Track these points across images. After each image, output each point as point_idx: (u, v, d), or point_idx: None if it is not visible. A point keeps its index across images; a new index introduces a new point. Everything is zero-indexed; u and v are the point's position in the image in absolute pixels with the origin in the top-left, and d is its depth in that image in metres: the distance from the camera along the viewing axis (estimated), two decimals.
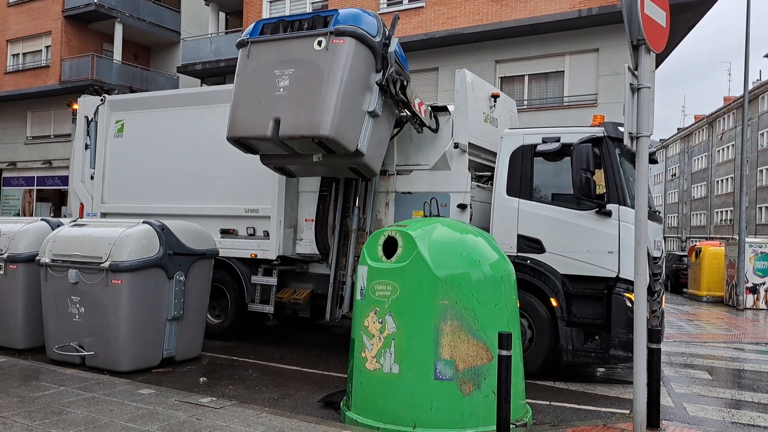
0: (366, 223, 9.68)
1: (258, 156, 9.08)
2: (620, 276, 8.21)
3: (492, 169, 9.45)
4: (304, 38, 8.08)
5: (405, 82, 8.58)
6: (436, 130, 9.44)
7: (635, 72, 5.89)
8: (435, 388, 5.70)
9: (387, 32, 8.42)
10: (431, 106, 9.70)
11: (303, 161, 8.69)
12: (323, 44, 7.89)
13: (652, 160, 8.07)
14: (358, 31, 7.99)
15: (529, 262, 8.69)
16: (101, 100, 12.27)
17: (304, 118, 7.82)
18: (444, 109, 9.37)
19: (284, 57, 8.13)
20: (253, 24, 8.70)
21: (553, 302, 8.53)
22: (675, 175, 76.25)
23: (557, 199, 8.77)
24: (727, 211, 56.54)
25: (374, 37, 8.18)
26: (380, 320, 5.95)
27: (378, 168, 8.96)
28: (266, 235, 10.47)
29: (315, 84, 7.80)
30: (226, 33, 27.98)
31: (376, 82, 8.30)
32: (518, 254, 8.71)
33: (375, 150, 8.61)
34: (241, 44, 8.61)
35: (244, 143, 8.64)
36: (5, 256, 9.42)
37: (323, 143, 7.93)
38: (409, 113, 9.04)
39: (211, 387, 7.76)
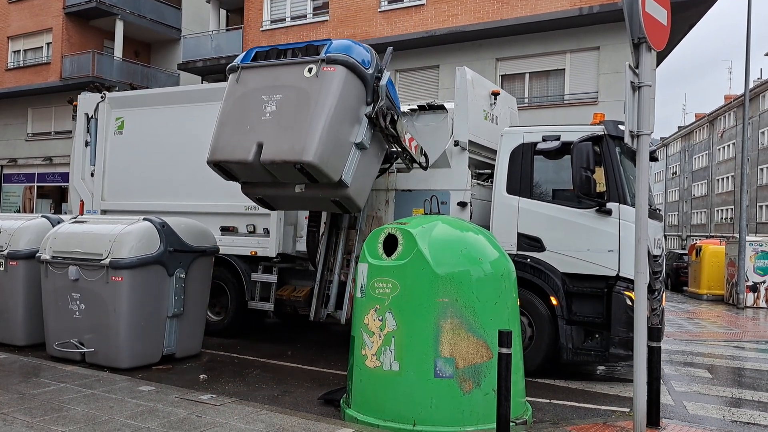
0: (358, 222, 9.65)
1: None
2: (620, 274, 8.20)
3: (492, 167, 9.44)
4: (295, 65, 7.88)
5: (396, 117, 8.27)
6: (425, 167, 9.24)
7: (636, 70, 5.88)
8: (435, 386, 5.70)
9: (379, 65, 8.26)
10: (428, 104, 9.69)
11: (285, 191, 8.38)
12: (313, 71, 7.67)
13: (653, 158, 8.08)
14: (350, 60, 7.79)
15: (529, 260, 8.68)
16: (101, 97, 12.26)
17: (288, 143, 7.52)
18: (441, 107, 9.34)
19: (273, 83, 7.92)
20: (245, 52, 8.49)
21: (553, 300, 8.53)
22: (675, 173, 76.25)
23: (557, 198, 8.77)
24: (727, 210, 56.55)
25: (366, 68, 7.97)
26: (380, 318, 5.95)
27: (363, 203, 8.57)
28: (266, 232, 10.47)
29: (302, 110, 7.59)
30: (227, 30, 27.98)
31: (366, 114, 8.04)
32: (518, 252, 8.70)
33: (360, 183, 8.22)
34: (232, 70, 8.37)
35: (224, 168, 8.29)
36: (6, 252, 9.43)
37: (306, 170, 7.60)
38: (399, 148, 8.75)
39: (211, 384, 7.76)
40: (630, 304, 7.95)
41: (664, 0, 6.14)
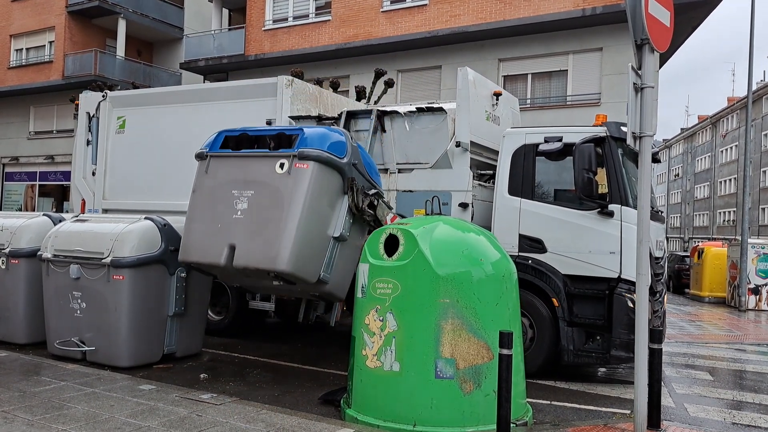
0: None
1: None
2: (622, 276, 8.19)
3: (494, 168, 9.43)
4: (266, 158, 7.41)
5: (375, 201, 7.93)
6: None
7: (639, 71, 5.88)
8: (435, 387, 5.70)
9: (353, 152, 7.74)
10: (427, 106, 9.68)
11: (263, 282, 8.12)
12: (285, 167, 7.19)
13: (655, 160, 8.08)
14: (323, 155, 7.26)
15: (530, 261, 8.67)
16: (103, 96, 12.27)
17: (261, 248, 7.12)
18: (440, 109, 9.33)
19: (244, 176, 7.46)
20: (215, 135, 8.03)
21: (555, 302, 8.52)
22: (678, 175, 76.23)
23: (559, 199, 8.76)
24: (729, 212, 56.52)
25: (341, 157, 7.47)
26: (381, 318, 5.95)
27: (344, 293, 7.96)
28: None
29: (275, 211, 7.13)
30: (229, 30, 28.00)
31: (347, 209, 7.68)
32: (520, 254, 8.69)
33: (341, 275, 7.77)
34: (200, 156, 7.94)
35: (196, 268, 8.09)
36: (7, 250, 9.43)
37: (281, 276, 7.26)
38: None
39: (211, 383, 7.75)
40: (631, 306, 7.94)
41: (667, 1, 6.14)
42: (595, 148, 8.19)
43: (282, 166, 7.22)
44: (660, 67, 22.03)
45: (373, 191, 7.88)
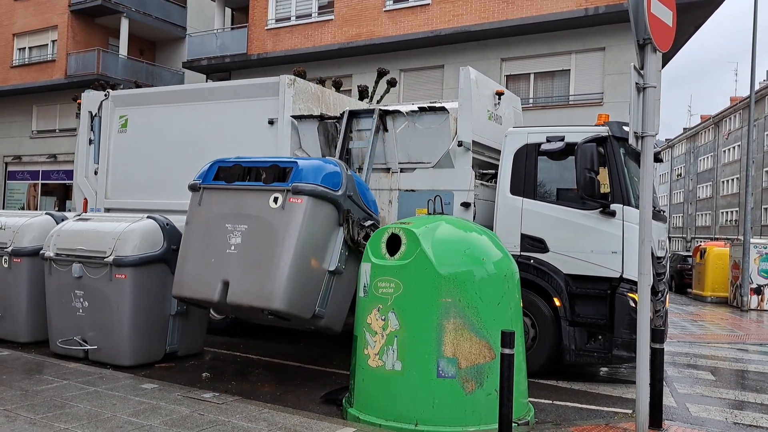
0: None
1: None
2: (624, 276, 8.19)
3: (496, 168, 9.43)
4: (260, 192, 7.32)
5: (371, 232, 7.61)
6: None
7: (641, 71, 5.88)
8: (437, 386, 5.70)
9: (349, 183, 7.66)
10: (429, 105, 9.67)
11: (257, 315, 7.95)
12: (279, 202, 7.13)
13: (657, 159, 8.08)
14: (317, 189, 7.18)
15: (532, 261, 8.67)
16: (105, 95, 12.27)
17: (255, 285, 7.04)
18: (442, 109, 9.33)
19: (237, 210, 7.39)
20: (208, 165, 7.97)
21: (557, 302, 8.52)
22: (680, 175, 76.15)
23: (561, 199, 8.75)
24: (732, 212, 56.46)
25: (336, 190, 7.42)
26: (383, 317, 5.95)
27: (340, 326, 7.83)
28: None
29: (269, 247, 7.07)
30: (232, 29, 28.00)
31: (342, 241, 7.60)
32: (522, 253, 8.69)
33: (336, 308, 7.67)
34: (193, 188, 7.86)
35: (190, 302, 8.02)
36: (10, 249, 9.44)
37: (275, 314, 7.21)
38: None
39: (213, 382, 7.76)
40: (633, 305, 7.93)
41: (670, 1, 6.13)
42: (597, 148, 8.19)
43: (276, 200, 7.16)
44: (662, 67, 21.98)
45: (369, 222, 7.80)
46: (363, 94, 16.14)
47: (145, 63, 31.82)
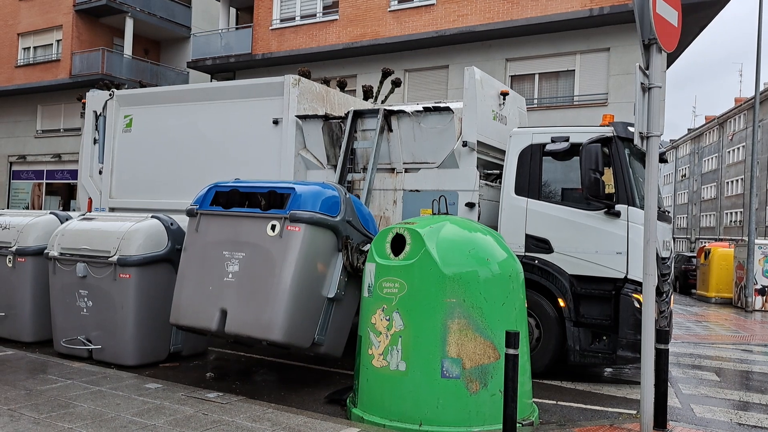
0: None
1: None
2: (628, 277, 8.17)
3: (501, 168, 9.42)
4: (258, 219, 7.22)
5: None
6: None
7: (646, 71, 5.86)
8: (441, 386, 5.70)
9: (348, 208, 7.52)
10: (434, 106, 9.66)
11: (255, 343, 7.78)
12: (277, 230, 7.02)
13: (662, 160, 8.04)
14: (315, 216, 7.07)
15: (537, 262, 8.66)
16: (110, 94, 12.28)
17: (253, 315, 6.96)
18: (447, 109, 9.32)
19: (235, 237, 7.30)
20: (205, 189, 7.93)
21: (561, 302, 8.51)
22: (685, 175, 76.02)
23: (566, 199, 8.74)
24: (736, 213, 56.34)
25: (334, 216, 7.29)
26: (387, 317, 5.95)
27: (340, 352, 7.70)
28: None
29: (266, 276, 6.97)
30: (237, 29, 28.03)
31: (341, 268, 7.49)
32: (526, 254, 8.68)
33: (336, 334, 7.57)
34: (190, 213, 7.81)
35: (188, 330, 7.88)
36: (14, 249, 9.46)
37: (274, 344, 7.14)
38: None
39: (217, 382, 7.77)
40: (638, 306, 7.92)
41: (675, 1, 6.12)
42: (602, 148, 8.17)
43: (273, 228, 7.06)
44: (667, 68, 21.97)
45: (367, 246, 7.63)
46: (367, 94, 16.11)
47: (150, 63, 31.85)
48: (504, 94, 10.13)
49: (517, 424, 5.36)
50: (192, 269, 7.55)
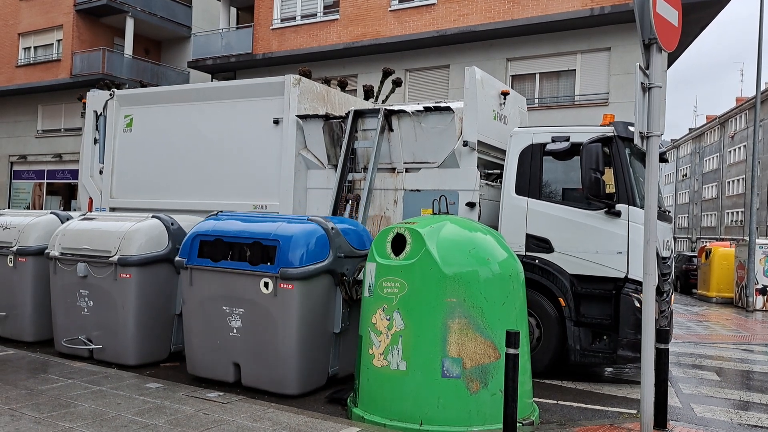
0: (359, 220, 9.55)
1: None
2: (629, 276, 8.17)
3: (501, 167, 9.42)
4: (249, 276, 7.19)
5: None
6: None
7: (646, 71, 5.86)
8: (442, 386, 5.70)
9: (337, 243, 7.40)
10: (435, 105, 9.66)
11: None
12: (270, 288, 7.02)
13: (663, 160, 8.05)
14: (307, 271, 7.00)
15: (537, 261, 8.66)
16: (110, 94, 12.28)
17: (266, 372, 7.11)
18: (448, 108, 9.32)
19: (230, 292, 7.32)
20: (189, 239, 7.79)
21: (562, 302, 8.51)
22: (686, 175, 75.99)
23: (566, 199, 8.74)
24: (737, 212, 56.30)
25: (325, 260, 7.21)
26: (388, 317, 5.95)
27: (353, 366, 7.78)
28: None
29: (270, 333, 7.05)
30: (237, 28, 28.04)
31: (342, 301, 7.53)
32: (527, 253, 8.68)
33: (348, 353, 7.62)
34: (180, 266, 7.78)
35: (209, 382, 7.75)
36: (15, 248, 9.46)
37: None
38: None
39: (218, 382, 7.76)
40: (638, 306, 7.91)
41: (676, 1, 6.12)
42: (602, 148, 8.17)
43: (267, 285, 7.08)
44: (668, 67, 21.97)
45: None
46: (368, 93, 16.11)
47: (151, 62, 31.85)
48: (505, 94, 10.13)
49: (518, 424, 5.36)
50: (196, 324, 7.63)
